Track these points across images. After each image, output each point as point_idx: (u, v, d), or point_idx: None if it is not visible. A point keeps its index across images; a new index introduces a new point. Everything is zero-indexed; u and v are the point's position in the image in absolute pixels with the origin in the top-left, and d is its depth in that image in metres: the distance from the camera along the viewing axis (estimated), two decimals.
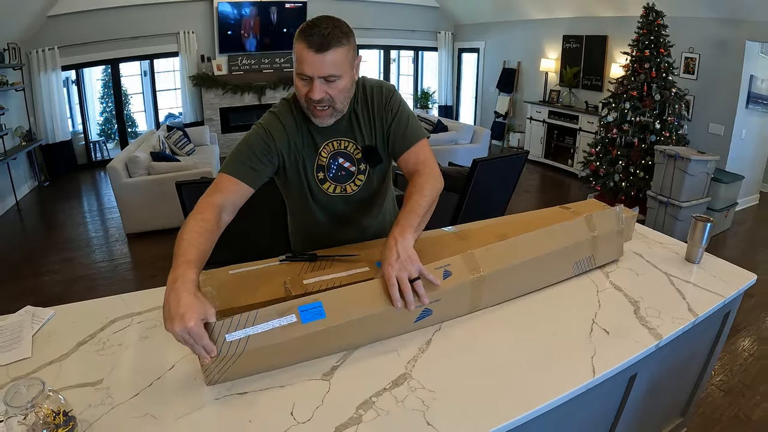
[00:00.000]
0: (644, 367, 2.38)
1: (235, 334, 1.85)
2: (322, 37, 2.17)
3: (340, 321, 2.03)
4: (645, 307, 2.51)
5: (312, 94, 2.27)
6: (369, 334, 2.17)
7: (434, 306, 2.26)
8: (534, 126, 13.58)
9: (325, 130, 2.54)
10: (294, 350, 2.00)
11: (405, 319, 2.22)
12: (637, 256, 3.07)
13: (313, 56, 2.18)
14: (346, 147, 2.61)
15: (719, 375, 4.80)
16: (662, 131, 8.72)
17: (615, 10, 11.17)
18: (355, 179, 2.68)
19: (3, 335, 2.23)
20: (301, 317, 1.95)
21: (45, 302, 2.51)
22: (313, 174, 2.59)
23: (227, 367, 1.90)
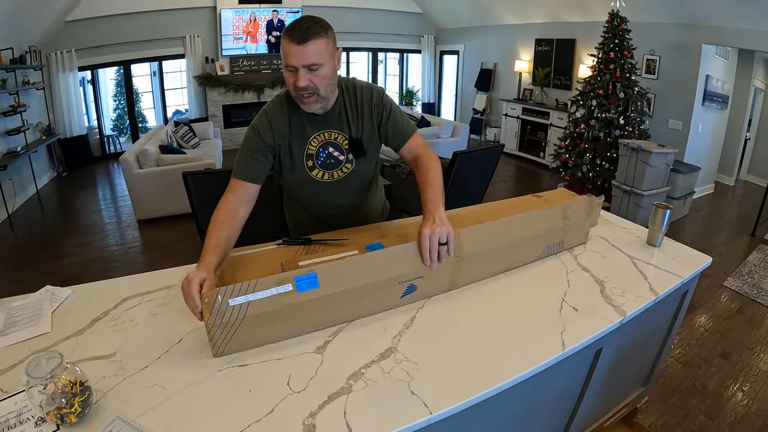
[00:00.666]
0: (609, 342, 2.39)
1: (237, 299, 1.90)
2: (302, 31, 2.26)
3: (332, 291, 2.07)
4: (610, 287, 2.52)
5: (298, 82, 2.33)
6: (358, 305, 2.20)
7: (418, 282, 2.30)
8: (509, 122, 13.61)
9: (317, 123, 2.60)
10: (290, 316, 2.03)
11: (392, 292, 2.26)
12: (603, 240, 3.08)
13: (295, 48, 2.26)
14: (336, 138, 2.66)
15: (678, 348, 4.82)
16: (626, 126, 8.75)
17: (583, 16, 11.18)
18: (343, 167, 2.72)
19: (25, 312, 2.23)
20: (296, 286, 2.00)
21: (63, 282, 2.50)
22: (302, 162, 2.63)
23: (231, 333, 1.93)
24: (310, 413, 1.64)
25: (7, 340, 2.04)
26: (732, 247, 7.63)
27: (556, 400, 2.54)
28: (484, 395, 1.80)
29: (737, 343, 4.97)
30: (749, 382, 4.37)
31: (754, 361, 4.69)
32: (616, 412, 3.23)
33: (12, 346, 2.00)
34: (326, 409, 1.67)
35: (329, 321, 2.16)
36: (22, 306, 2.29)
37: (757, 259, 7.12)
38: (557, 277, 2.61)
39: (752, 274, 6.64)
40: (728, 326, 5.30)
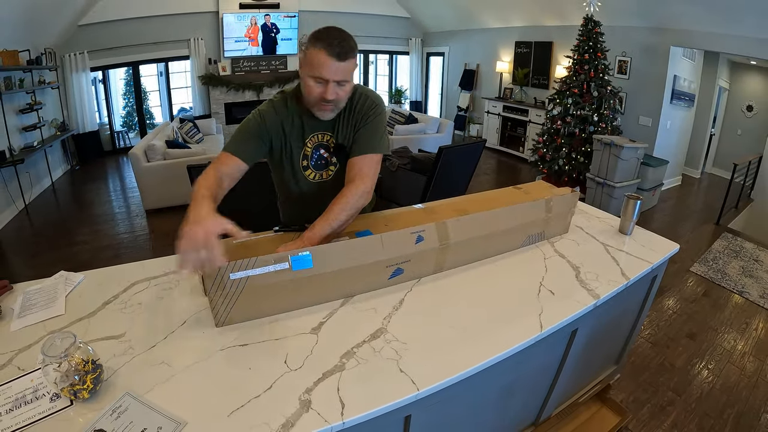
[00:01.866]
0: (584, 323, 2.40)
1: (237, 274, 1.94)
2: (341, 47, 2.23)
3: (324, 270, 2.11)
4: (585, 272, 2.52)
5: (326, 95, 2.31)
6: (348, 284, 2.23)
7: (404, 266, 2.33)
8: (490, 118, 13.62)
9: (314, 125, 2.56)
10: (285, 291, 2.08)
11: (379, 274, 2.29)
12: (578, 229, 3.08)
13: (333, 63, 2.23)
14: (327, 140, 2.62)
15: (648, 329, 4.83)
16: (599, 123, 8.79)
17: (559, 20, 11.19)
18: (329, 167, 2.68)
19: (41, 296, 2.23)
20: (292, 264, 2.03)
21: (76, 268, 2.50)
22: (299, 161, 2.61)
23: (231, 304, 1.98)
24: (306, 389, 1.65)
25: (24, 321, 2.05)
26: (698, 235, 7.65)
27: (535, 378, 2.54)
28: (468, 373, 1.80)
29: (703, 325, 5.01)
30: (714, 361, 4.40)
31: (719, 341, 4.72)
32: (590, 389, 3.23)
33: (29, 327, 2.01)
34: (321, 386, 1.67)
35: (322, 298, 2.19)
36: (38, 290, 2.29)
37: (721, 246, 7.15)
38: (536, 263, 2.61)
39: (717, 260, 6.67)
40: (694, 309, 5.34)
